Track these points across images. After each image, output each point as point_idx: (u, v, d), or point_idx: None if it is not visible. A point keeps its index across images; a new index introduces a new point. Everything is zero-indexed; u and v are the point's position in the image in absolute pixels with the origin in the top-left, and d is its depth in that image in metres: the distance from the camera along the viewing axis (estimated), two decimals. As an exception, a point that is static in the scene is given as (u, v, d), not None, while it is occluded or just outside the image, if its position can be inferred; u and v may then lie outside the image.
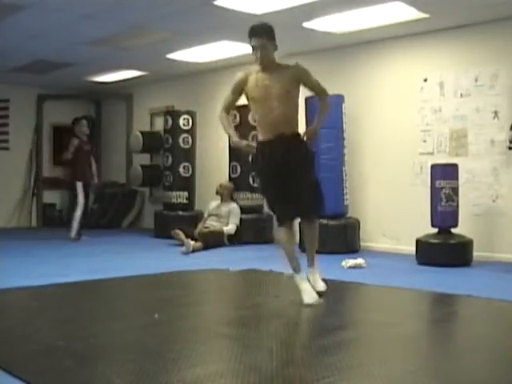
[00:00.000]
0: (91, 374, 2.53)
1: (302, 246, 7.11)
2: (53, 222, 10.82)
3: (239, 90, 4.16)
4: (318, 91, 4.23)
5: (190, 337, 3.28)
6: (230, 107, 4.26)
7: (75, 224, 8.31)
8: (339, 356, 2.81)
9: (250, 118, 8.06)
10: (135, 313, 3.97)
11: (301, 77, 4.09)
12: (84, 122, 8.74)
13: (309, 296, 3.97)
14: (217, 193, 7.98)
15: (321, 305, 3.97)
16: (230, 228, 7.72)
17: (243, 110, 8.12)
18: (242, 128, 8.09)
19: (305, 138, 4.17)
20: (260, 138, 4.14)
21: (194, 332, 3.38)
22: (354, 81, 7.54)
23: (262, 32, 4.02)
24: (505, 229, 6.29)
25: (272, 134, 4.02)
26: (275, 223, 8.42)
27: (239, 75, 4.20)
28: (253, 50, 4.05)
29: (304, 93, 7.34)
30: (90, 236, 8.43)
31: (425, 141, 6.90)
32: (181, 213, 8.64)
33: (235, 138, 4.14)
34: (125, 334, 3.26)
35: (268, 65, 4.05)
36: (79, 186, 8.37)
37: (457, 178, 6.11)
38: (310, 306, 3.91)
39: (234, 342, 3.15)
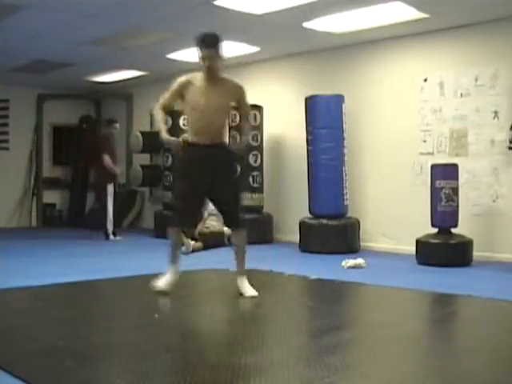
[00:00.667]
0: (91, 374, 2.53)
1: (301, 246, 7.13)
2: (53, 221, 10.83)
3: (179, 93, 4.24)
4: (246, 112, 4.54)
5: (190, 337, 3.28)
6: (167, 107, 4.33)
7: (110, 226, 8.41)
8: (339, 356, 2.81)
9: (250, 118, 8.09)
10: (135, 313, 3.97)
11: (239, 96, 4.31)
12: (117, 124, 8.82)
13: (162, 282, 4.26)
14: None
15: (320, 305, 3.97)
16: (231, 228, 7.72)
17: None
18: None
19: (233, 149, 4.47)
20: (192, 140, 4.23)
21: (194, 332, 3.38)
22: (354, 81, 7.54)
23: (213, 43, 4.16)
24: (505, 229, 6.29)
25: (205, 140, 4.16)
26: (275, 223, 8.42)
27: (182, 79, 4.25)
28: (202, 59, 4.15)
29: (304, 92, 7.40)
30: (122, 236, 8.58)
31: (425, 141, 6.91)
32: (181, 213, 8.61)
33: (165, 135, 4.23)
34: (125, 334, 3.26)
35: (214, 75, 4.20)
36: (110, 188, 8.41)
37: (457, 178, 6.11)
38: (158, 290, 4.20)
39: (234, 341, 3.15)
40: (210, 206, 8.06)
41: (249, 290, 4.27)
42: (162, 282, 4.25)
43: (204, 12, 6.12)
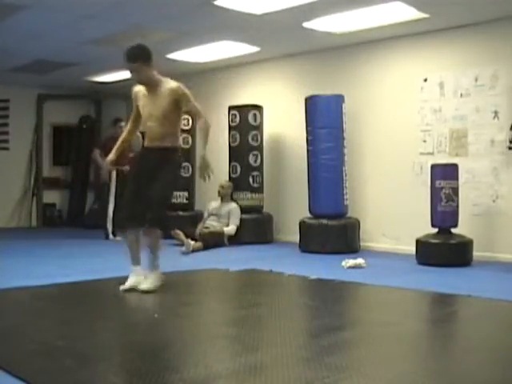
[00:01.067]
0: (91, 374, 2.53)
1: (301, 246, 7.14)
2: (53, 221, 10.83)
3: (136, 105, 4.60)
4: (192, 112, 4.62)
5: (190, 337, 3.28)
6: (134, 120, 4.67)
7: (110, 225, 8.41)
8: (339, 356, 2.81)
9: (250, 118, 8.11)
10: (135, 313, 3.97)
11: (177, 97, 4.36)
12: (123, 123, 8.85)
13: (128, 283, 4.41)
14: (219, 194, 7.98)
15: (320, 305, 3.97)
16: (231, 229, 7.72)
17: (243, 109, 8.16)
18: (242, 128, 8.11)
19: (198, 169, 4.63)
20: (144, 144, 4.54)
21: (194, 332, 3.38)
22: (354, 81, 7.54)
23: (131, 57, 4.32)
24: (505, 229, 6.29)
25: (148, 143, 4.46)
26: (275, 223, 8.40)
27: (133, 90, 4.60)
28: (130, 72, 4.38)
29: (304, 93, 7.39)
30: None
31: (425, 141, 6.91)
32: (181, 213, 8.63)
33: (108, 158, 4.65)
34: (125, 334, 3.26)
35: (148, 84, 4.41)
36: (113, 188, 8.47)
37: (457, 178, 6.11)
38: (122, 289, 4.34)
39: (234, 341, 3.16)
40: (211, 206, 8.13)
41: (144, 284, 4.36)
42: (125, 285, 4.41)
43: (204, 12, 6.12)
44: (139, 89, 4.53)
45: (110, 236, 8.40)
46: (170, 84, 4.42)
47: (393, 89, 7.21)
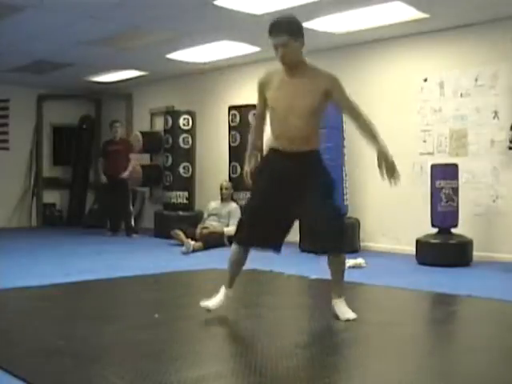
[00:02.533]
0: (91, 374, 2.53)
1: (301, 246, 7.13)
2: (53, 221, 10.83)
3: (262, 95, 3.55)
4: (348, 109, 3.77)
5: (190, 337, 3.28)
6: (261, 116, 3.64)
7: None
8: (339, 356, 2.81)
9: (250, 118, 8.10)
10: (135, 313, 3.97)
11: (332, 90, 3.54)
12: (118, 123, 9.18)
13: (211, 302, 3.67)
14: (221, 195, 7.97)
15: (320, 305, 3.97)
16: (231, 229, 7.70)
17: (243, 109, 8.16)
18: (242, 128, 8.11)
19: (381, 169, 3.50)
20: (272, 145, 3.54)
21: (194, 332, 3.38)
22: (354, 81, 7.52)
23: (282, 28, 3.41)
24: (505, 229, 6.28)
25: (287, 148, 3.43)
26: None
27: (260, 78, 3.57)
28: (274, 49, 3.44)
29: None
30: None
31: (425, 141, 6.90)
32: (181, 213, 8.63)
33: (247, 166, 3.71)
34: (125, 334, 3.26)
35: (293, 67, 3.46)
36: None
37: (457, 178, 6.11)
38: (205, 308, 3.64)
39: (234, 342, 3.15)
40: (211, 206, 8.12)
41: (345, 312, 3.56)
42: (207, 303, 3.67)
43: (204, 12, 6.12)
44: (271, 75, 3.54)
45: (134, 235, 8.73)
46: (324, 73, 3.59)
47: (393, 89, 7.21)
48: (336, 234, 3.50)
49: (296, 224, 3.99)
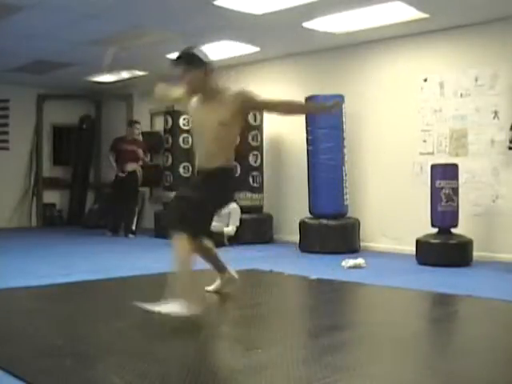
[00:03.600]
0: (91, 374, 2.53)
1: (301, 246, 7.14)
2: (53, 221, 10.83)
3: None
4: (276, 105, 4.05)
5: (190, 337, 3.28)
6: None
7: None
8: (339, 356, 2.81)
9: (249, 118, 8.09)
10: (135, 313, 3.96)
11: (241, 103, 3.70)
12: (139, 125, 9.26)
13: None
14: None
15: (320, 305, 3.97)
16: (231, 229, 7.71)
17: (243, 110, 8.15)
18: (242, 128, 8.10)
19: None
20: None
21: (194, 332, 3.38)
22: (354, 81, 7.54)
23: (182, 60, 3.67)
24: (505, 229, 6.28)
25: (199, 165, 3.87)
26: (275, 223, 8.40)
27: (190, 104, 3.84)
28: (179, 79, 3.71)
29: (304, 92, 7.39)
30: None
31: (425, 141, 6.91)
32: (181, 213, 8.62)
33: None
34: (125, 334, 3.26)
35: (204, 93, 3.71)
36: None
37: (457, 178, 6.11)
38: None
39: (234, 341, 3.16)
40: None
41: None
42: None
43: (204, 12, 6.12)
44: (194, 101, 3.82)
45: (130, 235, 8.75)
46: (229, 93, 3.74)
47: (393, 89, 7.21)
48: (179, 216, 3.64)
49: (296, 224, 3.99)
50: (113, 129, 11.19)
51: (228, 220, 7.78)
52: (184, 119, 8.81)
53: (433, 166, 6.20)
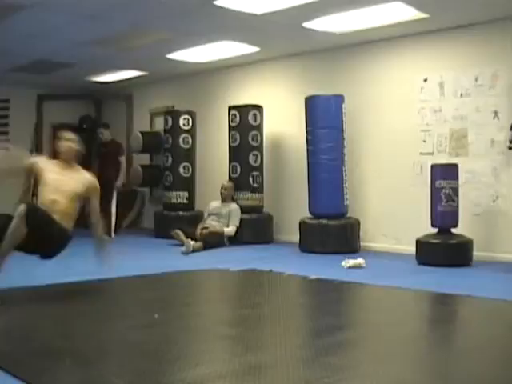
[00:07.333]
0: (91, 374, 2.52)
1: (301, 246, 7.14)
2: (53, 222, 10.81)
3: (35, 168, 4.66)
4: (95, 212, 4.60)
5: (190, 337, 3.28)
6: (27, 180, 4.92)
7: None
8: (339, 356, 2.81)
9: (250, 118, 8.10)
10: (135, 313, 3.96)
11: (91, 192, 4.52)
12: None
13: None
14: (221, 195, 7.97)
15: (320, 305, 3.97)
16: (231, 230, 7.72)
17: (243, 109, 8.16)
18: (242, 128, 8.11)
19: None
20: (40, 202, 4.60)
21: (194, 332, 3.38)
22: (354, 81, 7.54)
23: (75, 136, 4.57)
24: (505, 229, 6.29)
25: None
26: (275, 223, 8.40)
27: (39, 158, 4.79)
28: (64, 143, 4.55)
29: (304, 93, 7.39)
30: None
31: (425, 141, 6.91)
32: (181, 213, 8.63)
33: None
34: (125, 334, 3.26)
35: (68, 162, 4.54)
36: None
37: (457, 178, 6.11)
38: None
39: (234, 341, 3.15)
40: (211, 206, 8.13)
41: None
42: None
43: (204, 12, 6.12)
44: (48, 161, 4.71)
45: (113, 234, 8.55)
46: (85, 173, 4.58)
47: (393, 89, 7.21)
48: None
49: (296, 224, 3.99)
50: (113, 129, 11.19)
51: (228, 220, 7.78)
52: (184, 119, 8.81)
53: (433, 166, 6.20)
